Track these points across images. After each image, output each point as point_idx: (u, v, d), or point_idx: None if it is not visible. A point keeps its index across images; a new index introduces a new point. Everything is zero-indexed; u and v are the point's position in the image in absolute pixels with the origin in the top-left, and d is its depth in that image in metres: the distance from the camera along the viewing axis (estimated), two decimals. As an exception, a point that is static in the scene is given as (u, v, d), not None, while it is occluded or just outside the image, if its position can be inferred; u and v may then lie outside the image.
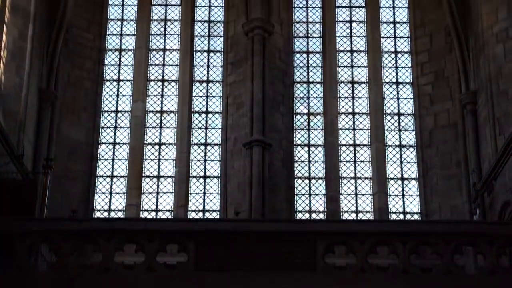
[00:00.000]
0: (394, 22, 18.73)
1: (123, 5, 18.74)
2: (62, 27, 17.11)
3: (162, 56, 18.50)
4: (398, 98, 18.18)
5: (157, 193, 17.54)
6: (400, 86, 18.27)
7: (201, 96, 18.29)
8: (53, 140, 16.85)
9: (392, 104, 18.17)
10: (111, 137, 17.86)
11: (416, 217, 17.32)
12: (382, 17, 18.75)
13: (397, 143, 17.87)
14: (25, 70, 15.45)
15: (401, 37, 18.59)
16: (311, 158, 17.85)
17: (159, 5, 18.85)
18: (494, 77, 15.38)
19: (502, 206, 14.46)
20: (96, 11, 18.39)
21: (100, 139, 17.76)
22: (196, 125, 18.08)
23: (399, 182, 17.64)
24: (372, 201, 17.51)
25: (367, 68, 18.42)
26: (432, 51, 18.09)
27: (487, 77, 15.65)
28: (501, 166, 14.53)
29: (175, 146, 17.89)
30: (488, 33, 15.80)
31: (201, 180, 17.68)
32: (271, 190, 16.90)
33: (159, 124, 18.04)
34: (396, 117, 18.05)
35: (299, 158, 17.87)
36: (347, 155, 17.88)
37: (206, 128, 18.07)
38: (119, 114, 18.03)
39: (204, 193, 17.58)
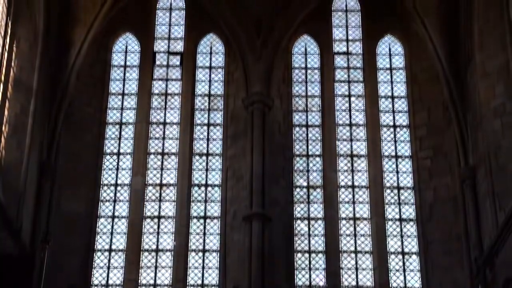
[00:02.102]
0: (392, 97, 18.92)
1: (124, 79, 18.96)
2: (63, 101, 17.32)
3: (162, 129, 18.62)
4: (397, 172, 18.20)
5: (156, 267, 17.38)
6: (400, 160, 18.32)
7: (200, 169, 18.32)
8: (52, 213, 16.80)
9: (391, 178, 18.18)
10: (110, 210, 17.81)
11: (417, 292, 17.15)
12: (380, 92, 18.96)
13: (397, 217, 17.80)
14: (26, 144, 15.57)
15: (399, 111, 18.74)
16: (311, 232, 17.75)
17: (160, 79, 19.08)
18: (493, 152, 15.43)
19: (504, 283, 14.30)
20: (97, 85, 18.60)
21: (99, 213, 17.70)
22: (196, 198, 18.05)
23: (400, 256, 17.49)
24: (372, 275, 17.33)
25: (366, 141, 18.51)
26: (430, 126, 18.22)
27: (485, 152, 15.70)
28: (502, 242, 14.43)
29: (174, 220, 17.81)
30: (485, 108, 15.94)
31: (200, 254, 17.54)
32: (271, 264, 16.74)
33: (159, 198, 18.01)
34: (395, 191, 18.04)
35: (298, 232, 17.78)
36: (347, 228, 17.79)
37: (205, 201, 18.04)
38: (119, 188, 18.02)
39: (203, 267, 17.42)
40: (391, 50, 19.31)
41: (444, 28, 17.63)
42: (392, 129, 18.63)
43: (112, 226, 17.66)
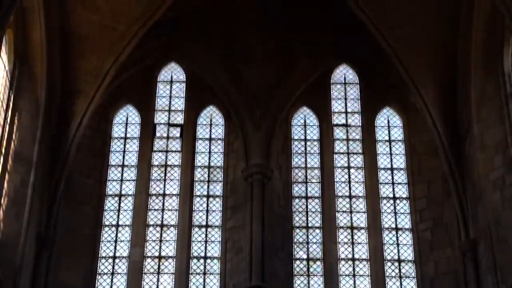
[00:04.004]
0: (392, 169, 18.92)
1: (124, 151, 18.99)
2: (63, 173, 17.28)
3: (162, 201, 18.57)
4: (398, 244, 18.05)
5: None
6: (400, 232, 18.21)
7: (199, 241, 18.18)
8: (49, 287, 16.56)
9: (392, 250, 18.02)
10: (107, 283, 17.54)
11: None
12: (379, 164, 18.97)
13: (399, 290, 17.63)
14: (24, 217, 15.49)
15: (399, 183, 18.71)
16: (311, 305, 17.55)
17: (160, 151, 19.13)
18: (493, 225, 15.34)
19: None
20: (97, 157, 18.62)
21: (96, 286, 17.45)
22: (195, 270, 17.85)
23: (402, 331, 17.26)
24: None
25: (366, 213, 18.44)
26: (430, 198, 18.17)
27: (486, 225, 15.61)
28: (505, 318, 14.24)
29: (172, 292, 17.61)
30: (484, 180, 15.92)
31: (198, 328, 17.31)
32: None
33: (157, 270, 17.81)
34: (396, 264, 17.86)
35: (299, 305, 17.58)
36: (348, 302, 17.60)
37: (204, 273, 17.84)
38: (117, 260, 17.83)
39: None
40: (389, 122, 19.42)
41: (441, 101, 17.75)
42: (392, 201, 18.57)
43: (110, 300, 17.45)
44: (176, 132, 19.34)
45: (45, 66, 16.32)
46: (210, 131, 19.42)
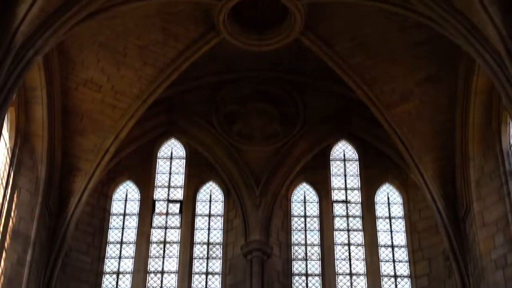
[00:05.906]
0: (392, 246, 18.76)
1: (123, 228, 18.88)
2: (61, 250, 17.08)
3: (160, 278, 18.33)
4: (399, 324, 17.82)
5: None
6: (402, 311, 18.00)
7: (198, 321, 17.93)
8: None
9: (394, 330, 17.78)
10: None
11: None
12: (380, 241, 18.81)
13: None
14: (20, 297, 15.27)
15: (400, 261, 18.53)
16: None
17: (159, 227, 19.01)
18: (497, 305, 15.16)
19: None
20: (96, 234, 18.46)
21: None
22: None
23: None
24: None
25: (367, 291, 18.23)
26: (431, 276, 17.94)
27: (489, 304, 15.43)
28: None
29: None
30: (486, 259, 15.77)
31: None
32: None
33: None
34: None
35: None
36: None
37: None
38: None
39: None
40: (389, 199, 19.35)
41: (441, 178, 17.70)
42: (393, 279, 18.34)
43: None
44: (175, 208, 19.26)
45: (46, 144, 16.36)
46: (210, 207, 19.35)
